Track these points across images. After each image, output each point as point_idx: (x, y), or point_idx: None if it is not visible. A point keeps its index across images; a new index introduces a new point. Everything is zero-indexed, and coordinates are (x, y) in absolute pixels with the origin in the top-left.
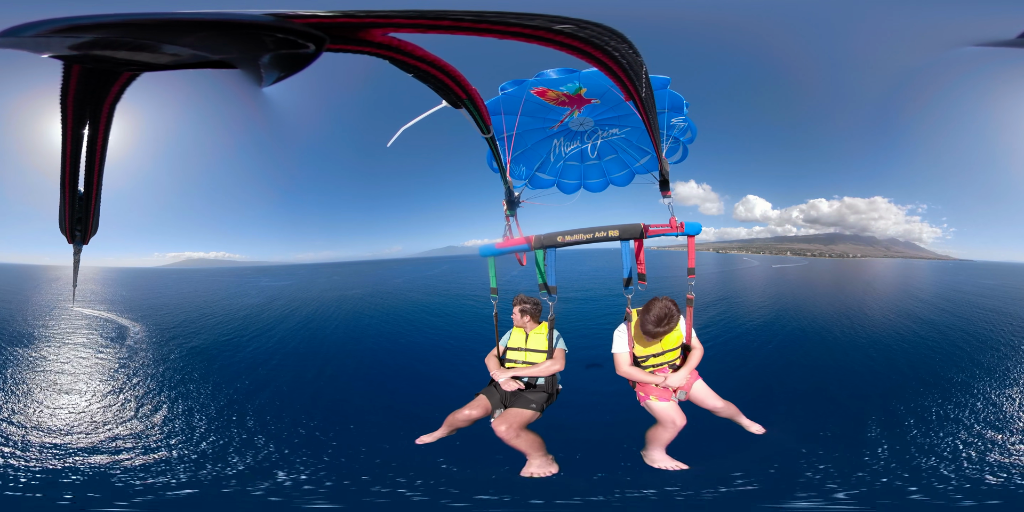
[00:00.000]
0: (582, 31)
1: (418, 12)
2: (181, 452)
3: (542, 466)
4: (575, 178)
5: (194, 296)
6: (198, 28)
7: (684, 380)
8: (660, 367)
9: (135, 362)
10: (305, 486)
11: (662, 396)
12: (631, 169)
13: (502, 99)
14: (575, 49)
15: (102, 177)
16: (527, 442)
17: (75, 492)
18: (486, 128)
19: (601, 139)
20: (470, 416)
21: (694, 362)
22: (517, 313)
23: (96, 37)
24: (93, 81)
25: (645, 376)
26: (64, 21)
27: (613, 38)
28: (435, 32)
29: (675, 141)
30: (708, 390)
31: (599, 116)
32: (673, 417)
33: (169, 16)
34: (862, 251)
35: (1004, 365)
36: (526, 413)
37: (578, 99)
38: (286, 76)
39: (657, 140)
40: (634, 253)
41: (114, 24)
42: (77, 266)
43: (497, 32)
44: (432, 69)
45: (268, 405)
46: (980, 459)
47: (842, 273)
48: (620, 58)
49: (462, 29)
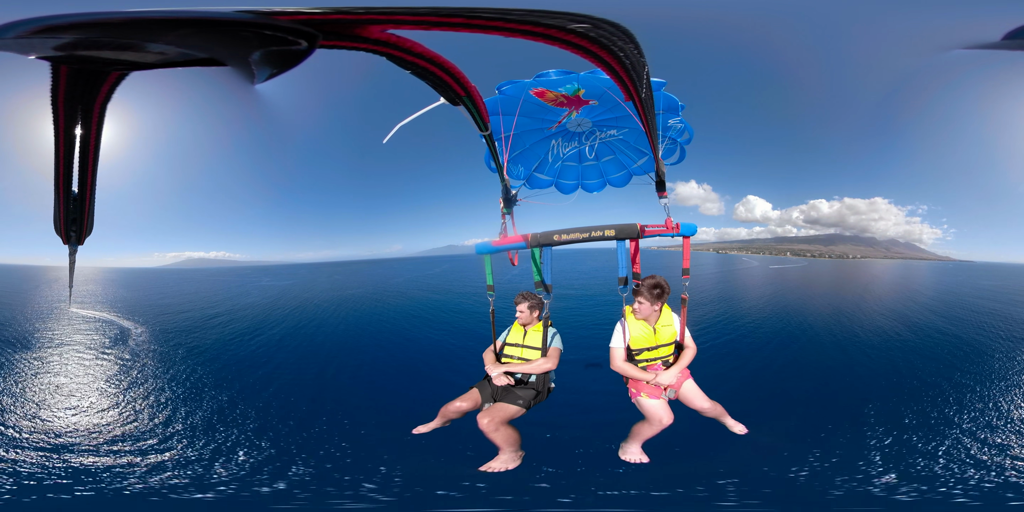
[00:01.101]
0: (593, 31)
1: (417, 9)
2: (191, 452)
3: (505, 462)
4: (573, 179)
5: (195, 296)
6: (175, 26)
7: (674, 378)
8: (653, 363)
9: (137, 365)
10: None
11: (653, 393)
12: (628, 170)
13: (500, 99)
14: (580, 48)
15: (96, 177)
16: (503, 436)
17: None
18: (484, 126)
19: (599, 140)
20: (460, 408)
21: (685, 361)
22: (526, 310)
23: (76, 37)
24: (82, 81)
25: (637, 372)
26: (38, 21)
27: (621, 38)
28: (435, 29)
29: (672, 142)
30: (697, 390)
31: (597, 117)
32: (661, 416)
33: (142, 14)
34: (862, 252)
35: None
36: (511, 408)
37: (576, 100)
38: (278, 73)
39: (655, 140)
40: (630, 253)
41: (88, 23)
42: (73, 267)
43: (497, 29)
44: (431, 66)
45: (275, 402)
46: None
47: (840, 274)
48: (624, 58)
49: (464, 26)
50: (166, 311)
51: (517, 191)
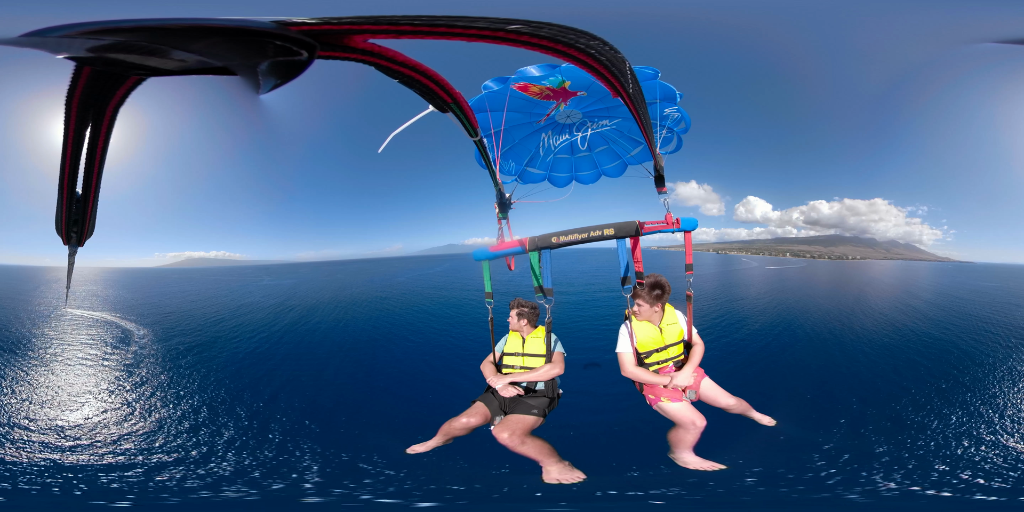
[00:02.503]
0: (541, 30)
1: (395, 18)
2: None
3: (563, 472)
4: (566, 171)
5: (197, 297)
6: (210, 34)
7: (691, 378)
8: (664, 366)
9: (140, 368)
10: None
11: (673, 397)
12: (623, 160)
13: (486, 96)
14: (545, 48)
15: (101, 179)
16: (535, 448)
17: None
18: (474, 131)
19: (591, 131)
20: (468, 424)
21: (696, 358)
22: (514, 317)
23: (116, 40)
24: (101, 83)
25: (651, 377)
26: (96, 24)
27: (582, 36)
28: (412, 38)
29: (669, 131)
30: (717, 388)
31: (587, 108)
32: (692, 418)
33: (190, 21)
34: (862, 253)
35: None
36: (528, 419)
37: (563, 92)
38: (282, 83)
39: (650, 136)
40: (630, 251)
41: (140, 28)
42: (71, 268)
43: (466, 35)
44: (416, 74)
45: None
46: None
47: (838, 275)
48: (598, 55)
49: (437, 34)
50: (170, 312)
51: (511, 193)
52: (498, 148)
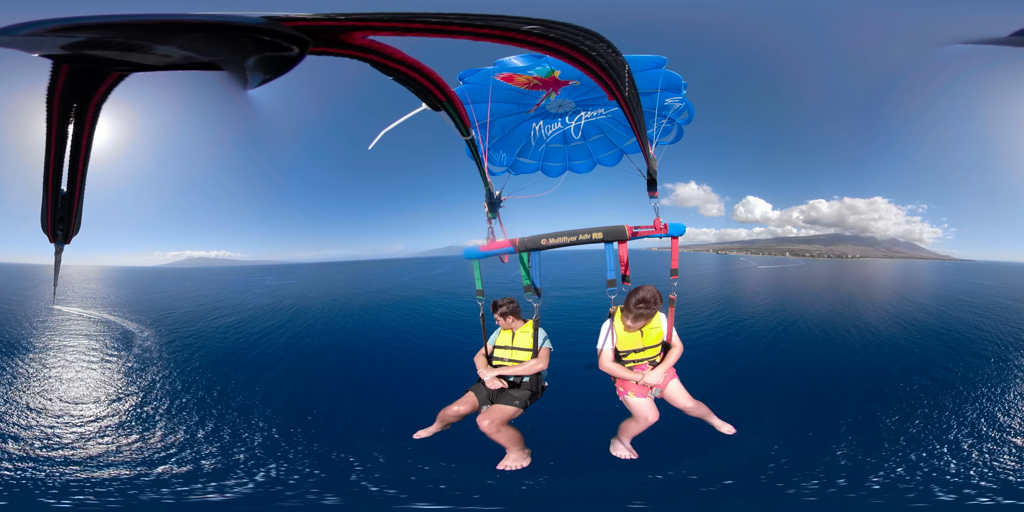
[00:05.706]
0: (551, 31)
1: (393, 14)
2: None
3: (516, 460)
4: (559, 161)
5: (199, 297)
6: (192, 29)
7: (660, 378)
8: (640, 363)
9: (139, 370)
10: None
11: (639, 392)
12: (620, 148)
13: (467, 88)
14: (551, 49)
15: (85, 176)
16: (507, 437)
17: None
18: (466, 130)
19: (585, 120)
20: (458, 412)
21: (671, 360)
22: (499, 318)
23: (89, 37)
24: (81, 80)
25: (624, 372)
26: (61, 21)
27: (588, 38)
28: (410, 35)
29: (670, 121)
30: (682, 390)
31: (579, 97)
32: (647, 414)
33: (166, 17)
34: (862, 252)
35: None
36: (509, 409)
37: (552, 81)
38: (270, 79)
39: (643, 140)
40: (618, 255)
41: (111, 25)
42: (58, 265)
43: (468, 34)
44: (411, 72)
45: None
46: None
47: (837, 275)
48: (599, 58)
49: (435, 31)
50: (171, 312)
51: (500, 191)
52: (485, 140)
